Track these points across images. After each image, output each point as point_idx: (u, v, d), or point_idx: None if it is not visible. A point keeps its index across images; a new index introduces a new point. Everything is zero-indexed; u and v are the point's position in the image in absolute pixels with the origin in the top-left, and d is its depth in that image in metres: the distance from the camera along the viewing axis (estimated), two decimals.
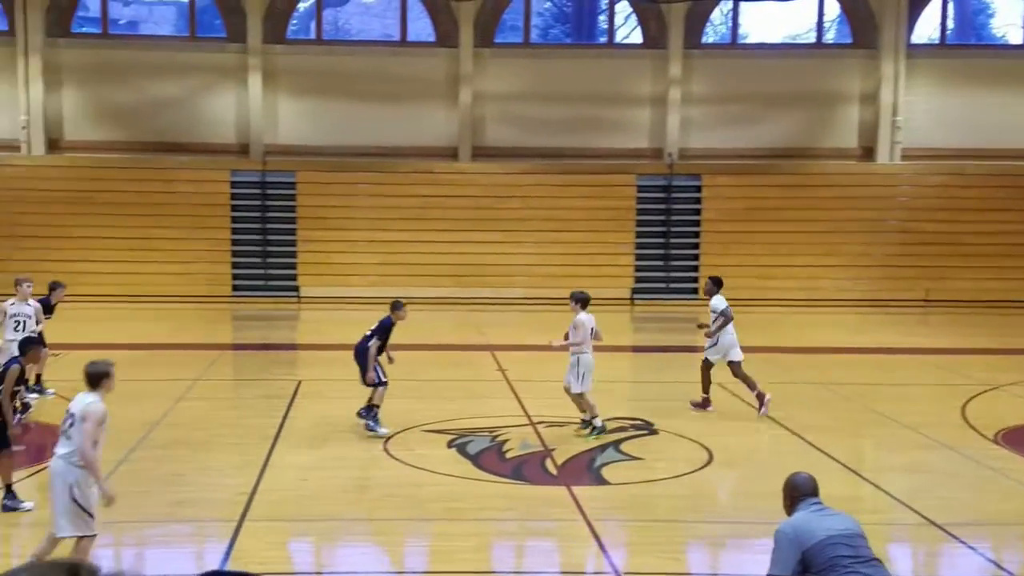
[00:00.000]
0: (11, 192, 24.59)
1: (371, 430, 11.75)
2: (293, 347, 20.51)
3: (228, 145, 25.99)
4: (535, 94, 26.41)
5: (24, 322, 13.14)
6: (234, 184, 25.49)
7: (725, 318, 13.06)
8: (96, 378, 7.32)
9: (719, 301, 13.18)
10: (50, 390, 13.92)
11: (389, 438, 11.67)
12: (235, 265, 25.23)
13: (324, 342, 19.34)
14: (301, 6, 26.66)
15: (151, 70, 25.57)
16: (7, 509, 9.04)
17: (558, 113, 26.29)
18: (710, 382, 13.36)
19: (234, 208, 25.45)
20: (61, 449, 7.26)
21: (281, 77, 26.06)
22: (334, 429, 12.14)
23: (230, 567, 7.61)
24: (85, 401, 7.29)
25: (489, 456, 11.10)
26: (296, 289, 24.84)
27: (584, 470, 10.64)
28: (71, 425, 7.25)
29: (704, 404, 13.28)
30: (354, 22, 28.20)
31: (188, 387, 14.79)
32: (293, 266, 25.20)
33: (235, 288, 24.99)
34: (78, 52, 25.61)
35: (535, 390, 14.39)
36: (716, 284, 13.38)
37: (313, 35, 27.01)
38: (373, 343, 11.77)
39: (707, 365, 13.31)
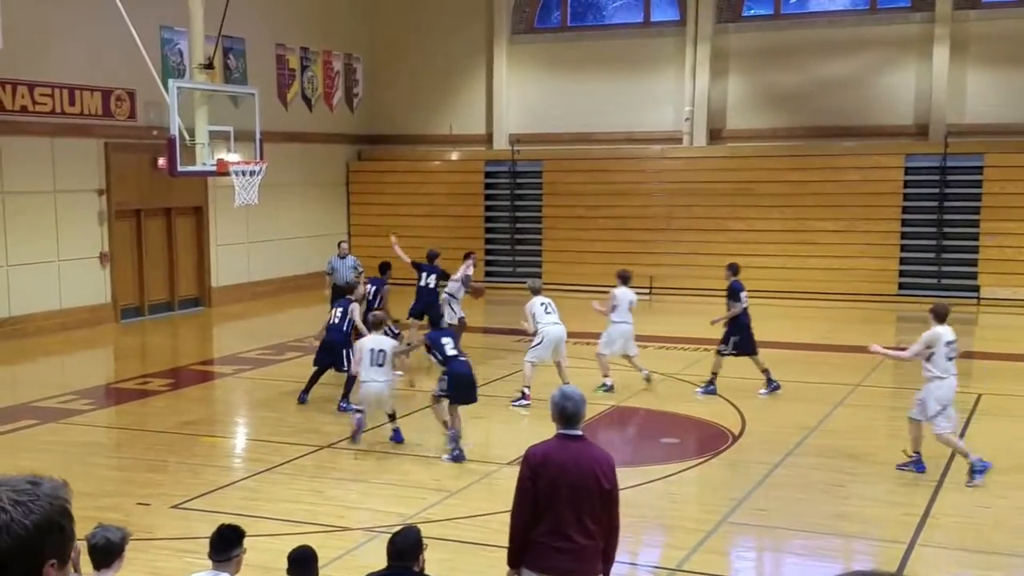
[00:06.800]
0: (670, 184, 26.18)
1: None
2: (969, 355, 19.15)
3: (904, 127, 25.16)
4: None
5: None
6: (908, 170, 24.62)
7: None
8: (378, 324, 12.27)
9: None
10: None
11: None
12: (903, 261, 24.38)
13: (1008, 351, 17.98)
14: None
15: (822, 49, 25.67)
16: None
17: None
18: None
19: (907, 197, 24.58)
20: (379, 376, 11.58)
21: (971, 47, 24.54)
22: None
23: None
24: (387, 342, 12.02)
25: None
26: (975, 289, 23.24)
27: None
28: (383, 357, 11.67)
29: None
30: None
31: (847, 392, 14.72)
32: (973, 263, 23.66)
33: (901, 287, 24.13)
34: (747, 36, 26.52)
35: None
36: None
37: None
38: None
39: None
